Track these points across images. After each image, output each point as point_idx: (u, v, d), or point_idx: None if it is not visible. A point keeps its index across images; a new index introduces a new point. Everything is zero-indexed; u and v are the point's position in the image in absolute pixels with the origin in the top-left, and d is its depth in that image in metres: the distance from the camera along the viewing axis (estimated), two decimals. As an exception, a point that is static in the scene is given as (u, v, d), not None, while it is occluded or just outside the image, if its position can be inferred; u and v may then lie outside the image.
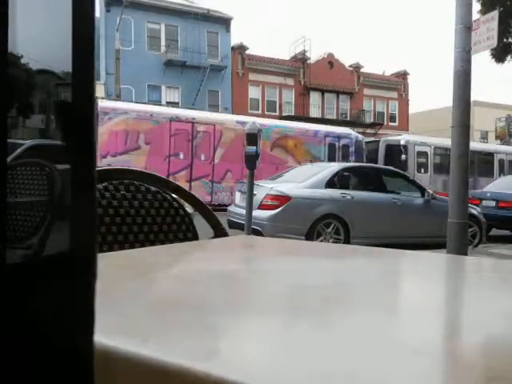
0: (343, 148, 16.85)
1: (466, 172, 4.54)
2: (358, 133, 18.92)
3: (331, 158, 16.08)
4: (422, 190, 7.14)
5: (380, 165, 15.30)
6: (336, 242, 6.12)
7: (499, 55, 10.84)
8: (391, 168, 8.16)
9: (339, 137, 16.93)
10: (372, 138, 19.44)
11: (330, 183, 6.58)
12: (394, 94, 30.66)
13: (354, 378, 0.35)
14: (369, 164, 8.96)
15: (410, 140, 17.18)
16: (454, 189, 4.58)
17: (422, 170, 17.15)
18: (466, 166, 4.54)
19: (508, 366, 0.39)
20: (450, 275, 0.92)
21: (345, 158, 16.34)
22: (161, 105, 20.87)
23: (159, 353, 0.38)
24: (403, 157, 16.31)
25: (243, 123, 13.10)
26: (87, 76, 0.21)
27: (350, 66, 29.26)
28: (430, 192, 7.17)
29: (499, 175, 17.58)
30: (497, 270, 0.98)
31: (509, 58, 11.16)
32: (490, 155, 18.47)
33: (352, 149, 16.64)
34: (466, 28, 4.54)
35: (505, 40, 10.24)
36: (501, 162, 18.68)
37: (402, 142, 16.72)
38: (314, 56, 28.05)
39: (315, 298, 0.61)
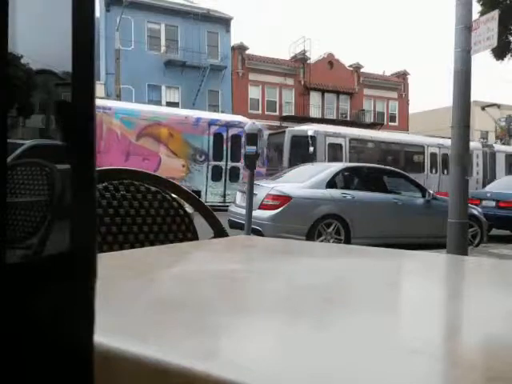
0: (233, 139, 14.61)
1: (466, 172, 4.54)
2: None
3: (217, 151, 14.36)
4: (423, 191, 7.14)
5: (286, 158, 14.30)
6: (336, 242, 6.12)
7: (499, 52, 10.84)
8: (392, 168, 8.15)
9: (228, 125, 14.70)
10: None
11: (331, 183, 6.58)
12: (394, 94, 30.66)
13: (353, 378, 0.35)
14: (370, 164, 8.92)
15: (320, 130, 15.43)
16: (454, 189, 4.58)
17: None
18: (466, 166, 4.54)
19: (508, 366, 0.39)
20: (450, 275, 0.92)
21: (235, 151, 14.43)
22: (161, 105, 20.90)
23: (159, 353, 0.38)
24: (311, 149, 14.43)
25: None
26: (87, 76, 0.21)
27: (350, 66, 29.26)
28: (431, 192, 7.17)
29: (430, 171, 16.94)
30: (497, 270, 0.98)
31: (509, 56, 11.16)
32: (420, 147, 17.33)
33: (244, 140, 14.77)
34: (466, 28, 4.54)
35: (504, 38, 10.24)
36: (432, 155, 17.42)
37: (310, 133, 14.83)
38: (313, 56, 28.08)
39: (315, 298, 0.61)
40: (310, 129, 15.33)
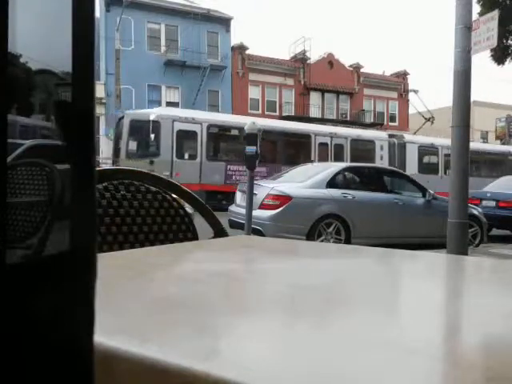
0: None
1: (466, 172, 4.55)
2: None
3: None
4: (423, 191, 7.14)
5: (123, 148, 12.46)
6: (337, 242, 6.12)
7: (499, 57, 10.84)
8: (392, 168, 8.15)
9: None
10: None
11: (331, 183, 6.58)
12: (394, 94, 30.65)
13: (353, 378, 0.35)
14: (370, 164, 8.92)
15: (166, 114, 12.97)
16: (454, 189, 4.58)
17: (187, 155, 13.32)
18: (466, 166, 4.54)
19: (507, 366, 0.39)
20: (450, 275, 0.92)
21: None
22: (160, 105, 20.89)
23: (159, 353, 0.38)
24: (151, 137, 12.27)
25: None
26: (87, 76, 0.21)
27: (350, 66, 29.26)
28: (431, 192, 7.17)
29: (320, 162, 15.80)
30: (497, 270, 0.98)
31: (509, 59, 11.15)
32: (306, 137, 15.84)
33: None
34: (466, 28, 4.54)
35: (504, 41, 10.23)
36: (322, 145, 16.07)
37: (152, 117, 12.52)
38: (313, 56, 28.08)
39: (315, 298, 0.61)
40: (153, 112, 13.12)
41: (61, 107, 0.22)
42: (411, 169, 16.34)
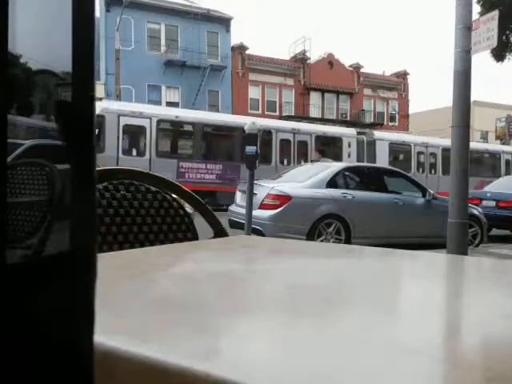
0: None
1: (466, 172, 4.54)
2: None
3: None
4: (424, 190, 7.15)
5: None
6: (337, 242, 6.12)
7: (498, 54, 10.82)
8: (392, 168, 8.15)
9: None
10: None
11: (331, 183, 6.58)
12: (394, 94, 30.66)
13: (353, 378, 0.35)
14: (370, 164, 8.93)
15: (111, 108, 12.40)
16: (454, 189, 4.58)
17: (135, 152, 12.79)
18: (466, 166, 4.54)
19: (507, 366, 0.39)
20: (450, 275, 0.92)
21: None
22: (160, 105, 20.88)
23: (159, 353, 0.38)
24: (95, 132, 12.69)
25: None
26: (87, 76, 0.21)
27: (350, 66, 29.26)
28: (431, 192, 7.17)
29: (280, 162, 14.91)
30: (497, 270, 0.98)
31: (508, 56, 11.13)
32: (267, 134, 14.69)
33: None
34: (465, 28, 4.54)
35: (504, 38, 10.22)
36: (282, 142, 15.16)
37: (97, 111, 11.92)
38: (314, 56, 28.08)
39: (315, 298, 0.61)
40: (97, 106, 12.95)
41: (61, 107, 0.22)
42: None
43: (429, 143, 17.88)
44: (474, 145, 20.03)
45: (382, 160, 16.18)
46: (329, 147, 16.39)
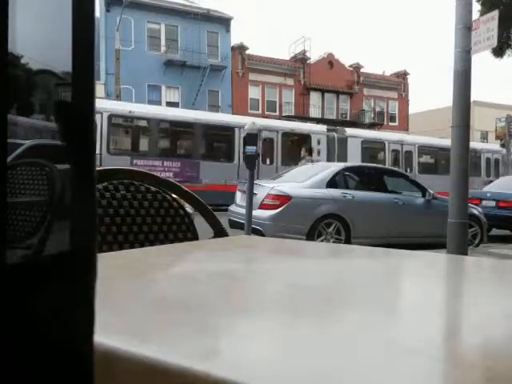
0: None
1: (466, 172, 4.54)
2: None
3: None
4: (423, 190, 7.15)
5: None
6: (337, 242, 6.12)
7: (498, 50, 10.80)
8: (392, 168, 8.16)
9: None
10: None
11: (331, 183, 6.58)
12: (394, 94, 30.66)
13: (353, 378, 0.35)
14: (370, 164, 8.90)
15: None
16: (454, 189, 4.58)
17: None
18: (466, 166, 4.54)
19: (507, 366, 0.39)
20: (450, 275, 0.92)
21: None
22: (160, 105, 20.88)
23: (159, 353, 0.38)
24: None
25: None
26: (87, 76, 0.21)
27: (350, 66, 29.26)
28: (431, 192, 7.17)
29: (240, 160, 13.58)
30: (497, 270, 0.98)
31: (508, 53, 11.10)
32: (230, 130, 14.23)
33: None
34: (465, 28, 4.54)
35: (504, 36, 10.21)
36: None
37: None
38: (314, 56, 28.08)
39: (315, 298, 0.61)
40: None
41: (61, 107, 0.22)
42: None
43: (404, 141, 17.43)
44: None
45: (355, 158, 15.67)
46: (296, 145, 15.72)
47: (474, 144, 19.61)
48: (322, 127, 17.17)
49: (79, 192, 0.22)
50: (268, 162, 15.10)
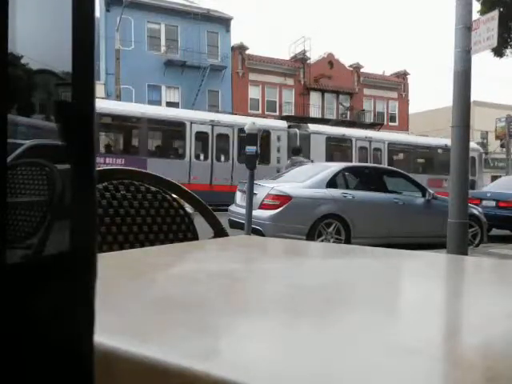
0: None
1: (466, 172, 4.55)
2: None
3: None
4: (423, 190, 7.15)
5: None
6: (337, 242, 6.12)
7: (498, 49, 10.79)
8: (392, 168, 8.16)
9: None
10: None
11: (331, 183, 6.59)
12: (394, 94, 30.66)
13: (353, 378, 0.35)
14: (370, 164, 8.90)
15: None
16: (454, 189, 4.58)
17: None
18: (466, 165, 4.54)
19: (507, 366, 0.39)
20: (450, 275, 0.92)
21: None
22: (160, 105, 20.88)
23: (159, 353, 0.38)
24: None
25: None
26: (87, 76, 0.21)
27: (350, 66, 29.26)
28: (431, 192, 7.17)
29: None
30: (497, 270, 0.98)
31: (508, 52, 11.09)
32: (181, 125, 13.53)
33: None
34: (465, 28, 4.54)
35: (505, 36, 10.20)
36: (198, 135, 13.55)
37: None
38: (314, 56, 28.08)
39: (315, 298, 0.61)
40: None
41: (61, 107, 0.22)
42: (317, 162, 14.51)
43: (373, 138, 16.74)
44: (423, 139, 18.15)
45: (319, 155, 14.89)
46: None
47: (447, 141, 18.53)
48: (283, 123, 16.38)
49: (79, 192, 0.22)
50: (223, 159, 14.36)
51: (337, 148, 16.58)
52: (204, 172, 13.60)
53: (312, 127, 16.28)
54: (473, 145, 18.68)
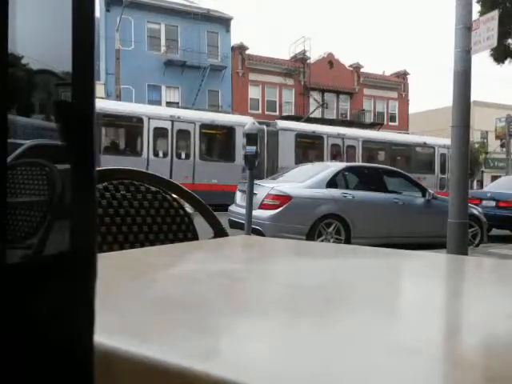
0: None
1: (466, 172, 4.55)
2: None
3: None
4: (423, 190, 7.15)
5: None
6: (337, 242, 6.12)
7: (499, 56, 10.82)
8: (392, 168, 8.16)
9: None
10: None
11: (331, 183, 6.59)
12: (394, 94, 30.66)
13: (353, 378, 0.35)
14: (370, 164, 8.89)
15: None
16: (454, 189, 4.58)
17: None
18: (466, 166, 4.54)
19: (507, 366, 0.39)
20: (450, 275, 0.92)
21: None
22: (160, 105, 20.87)
23: (159, 353, 0.38)
24: None
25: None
26: (87, 76, 0.21)
27: (350, 66, 29.26)
28: (431, 192, 7.18)
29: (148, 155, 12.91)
30: (497, 270, 0.98)
31: (509, 59, 11.12)
32: (138, 121, 12.92)
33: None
34: (465, 28, 4.54)
35: (504, 41, 10.23)
36: (156, 131, 13.12)
37: None
38: (314, 56, 28.08)
39: (315, 298, 0.61)
40: None
41: (61, 107, 0.22)
42: (286, 160, 13.98)
43: (346, 135, 16.12)
44: (401, 137, 17.54)
45: (287, 153, 14.62)
46: (217, 138, 14.48)
47: (427, 138, 18.24)
48: (249, 119, 15.32)
49: (79, 192, 0.22)
50: (183, 156, 13.85)
51: (307, 145, 16.01)
52: (162, 170, 12.84)
53: (281, 124, 15.67)
54: (447, 141, 18.07)
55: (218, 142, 14.85)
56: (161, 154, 13.59)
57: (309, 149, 16.12)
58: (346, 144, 16.12)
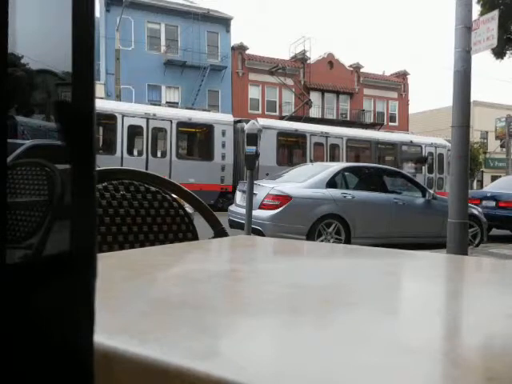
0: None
1: (466, 172, 4.55)
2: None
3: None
4: (423, 190, 7.15)
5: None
6: (337, 242, 6.12)
7: (499, 51, 10.81)
8: (392, 168, 8.17)
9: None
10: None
11: (331, 183, 6.59)
12: (394, 94, 30.66)
13: (353, 378, 0.35)
14: (370, 164, 8.89)
15: None
16: (454, 189, 4.58)
17: None
18: (466, 166, 4.54)
19: (507, 366, 0.39)
20: (450, 275, 0.92)
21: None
22: (160, 105, 20.87)
23: (159, 353, 0.38)
24: None
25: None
26: (87, 76, 0.21)
27: (350, 66, 29.27)
28: (431, 192, 7.18)
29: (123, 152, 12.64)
30: (497, 270, 0.98)
31: (508, 54, 11.12)
32: (110, 118, 12.64)
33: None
34: (465, 28, 4.54)
35: (504, 38, 10.23)
36: (131, 129, 12.82)
37: None
38: (314, 56, 28.09)
39: (315, 298, 0.61)
40: None
41: (61, 107, 0.22)
42: (267, 159, 13.68)
43: (330, 133, 15.70)
44: (387, 135, 17.16)
45: (268, 151, 14.06)
46: (195, 137, 14.13)
47: (412, 137, 17.88)
48: (229, 117, 15.16)
49: (79, 192, 0.22)
50: (159, 155, 13.58)
51: (289, 144, 15.68)
52: (137, 168, 13.02)
53: (262, 122, 14.82)
54: (440, 140, 17.57)
55: (195, 140, 14.57)
56: (135, 153, 13.35)
57: (291, 147, 15.85)
58: (329, 143, 15.84)
